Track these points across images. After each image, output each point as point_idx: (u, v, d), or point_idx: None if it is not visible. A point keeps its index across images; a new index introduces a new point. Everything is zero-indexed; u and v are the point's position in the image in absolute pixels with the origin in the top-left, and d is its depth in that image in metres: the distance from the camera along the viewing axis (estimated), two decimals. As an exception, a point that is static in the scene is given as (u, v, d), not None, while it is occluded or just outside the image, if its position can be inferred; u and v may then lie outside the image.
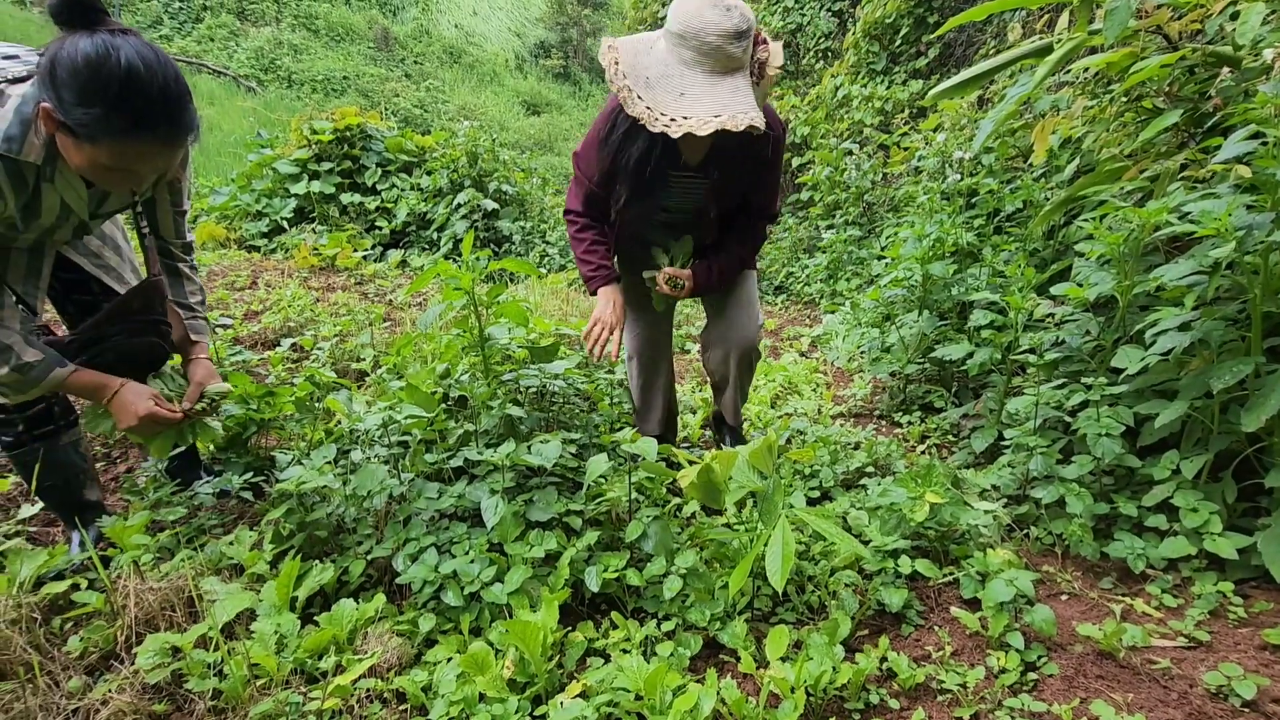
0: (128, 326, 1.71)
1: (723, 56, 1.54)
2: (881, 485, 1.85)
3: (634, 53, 1.62)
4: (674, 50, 1.58)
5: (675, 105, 1.57)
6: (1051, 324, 2.41)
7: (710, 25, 1.50)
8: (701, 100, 1.55)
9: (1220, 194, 1.81)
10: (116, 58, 1.21)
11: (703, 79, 1.56)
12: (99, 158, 1.28)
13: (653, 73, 1.60)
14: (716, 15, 1.50)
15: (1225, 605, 1.59)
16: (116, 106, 1.23)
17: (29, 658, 1.35)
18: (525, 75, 19.95)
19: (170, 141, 1.34)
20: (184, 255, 1.87)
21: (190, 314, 1.88)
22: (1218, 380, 1.66)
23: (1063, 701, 1.33)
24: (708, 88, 1.56)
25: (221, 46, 14.68)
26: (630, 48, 1.63)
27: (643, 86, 1.59)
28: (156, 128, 1.29)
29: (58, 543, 1.87)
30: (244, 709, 1.29)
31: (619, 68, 1.60)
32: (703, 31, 1.50)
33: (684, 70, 1.57)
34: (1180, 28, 2.25)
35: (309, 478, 1.72)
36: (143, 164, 1.35)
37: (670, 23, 1.57)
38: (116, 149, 1.28)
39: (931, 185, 4.04)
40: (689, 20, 1.52)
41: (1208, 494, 1.73)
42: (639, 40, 1.66)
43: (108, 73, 1.21)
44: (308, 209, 6.48)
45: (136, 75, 1.23)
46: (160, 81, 1.26)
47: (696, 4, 1.53)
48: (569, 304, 4.63)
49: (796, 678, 1.31)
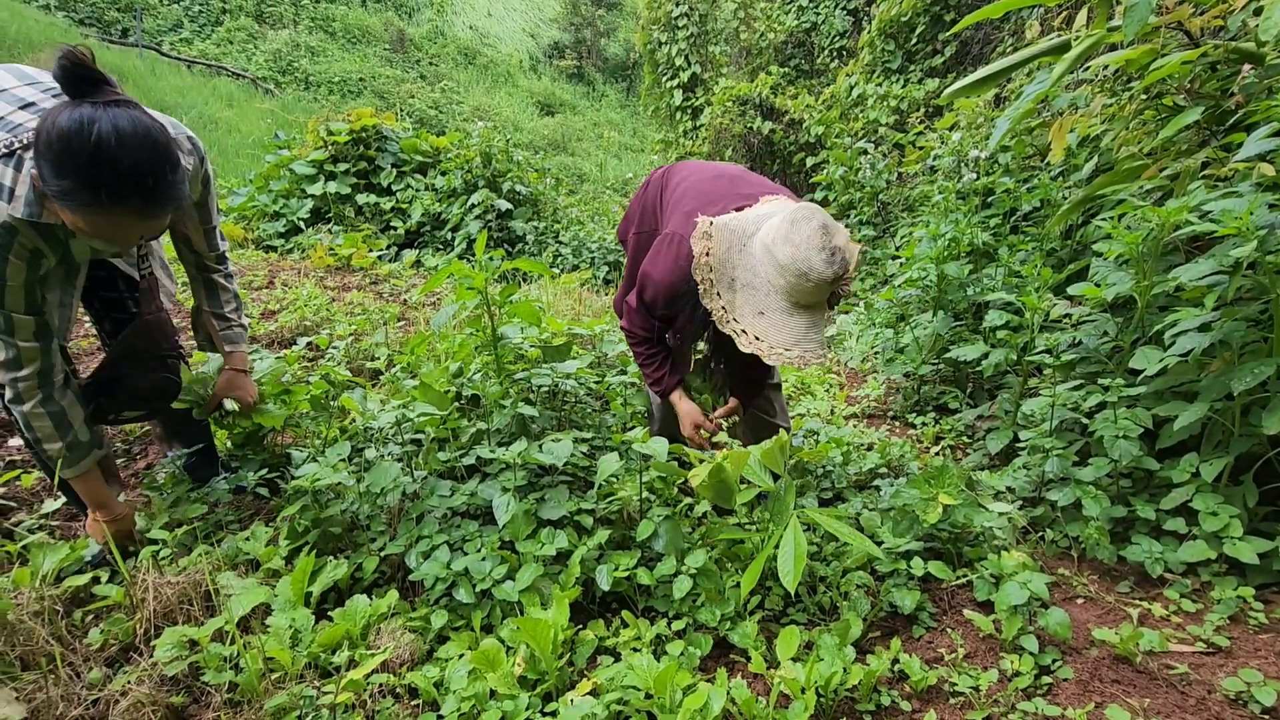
0: (137, 367, 1.76)
1: (810, 296, 1.53)
2: (894, 486, 1.85)
3: (727, 246, 1.58)
4: (766, 265, 1.53)
5: (751, 320, 1.56)
6: (1068, 324, 2.38)
7: (814, 271, 1.47)
8: (778, 328, 1.54)
9: (1242, 192, 1.78)
10: (89, 131, 1.21)
11: (784, 306, 1.55)
12: (80, 224, 1.30)
13: (739, 276, 1.58)
14: (821, 261, 1.47)
15: (1245, 610, 1.57)
16: (85, 179, 1.23)
17: (51, 649, 1.38)
18: (539, 76, 20.01)
19: (145, 214, 1.32)
20: (217, 265, 1.91)
21: (225, 324, 1.93)
22: (1239, 382, 1.63)
23: (1077, 706, 1.31)
24: (785, 317, 1.54)
25: (240, 49, 14.86)
26: (725, 238, 1.58)
27: (725, 285, 1.58)
28: (126, 200, 1.28)
29: (80, 537, 1.90)
30: (259, 702, 1.31)
31: (709, 259, 1.57)
32: (806, 274, 1.48)
33: (770, 290, 1.55)
34: (1201, 24, 2.22)
35: (324, 475, 1.74)
36: (119, 233, 1.34)
37: (773, 244, 1.51)
38: (90, 218, 1.28)
39: (947, 184, 4.01)
40: (795, 257, 1.47)
41: (1228, 497, 1.70)
42: (736, 230, 1.60)
43: (78, 146, 1.21)
44: (324, 209, 6.54)
45: (106, 149, 1.22)
46: (132, 157, 1.25)
47: (807, 241, 1.47)
48: (581, 304, 4.64)
49: (807, 678, 1.31)
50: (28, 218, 1.35)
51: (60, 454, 1.58)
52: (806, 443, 2.57)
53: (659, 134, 11.08)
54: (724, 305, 1.59)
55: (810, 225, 1.47)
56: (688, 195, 1.84)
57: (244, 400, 1.98)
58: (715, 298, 1.59)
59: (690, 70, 10.21)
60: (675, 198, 1.90)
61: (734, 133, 8.32)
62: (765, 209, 1.65)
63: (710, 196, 1.78)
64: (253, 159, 9.18)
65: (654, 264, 1.79)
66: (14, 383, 1.49)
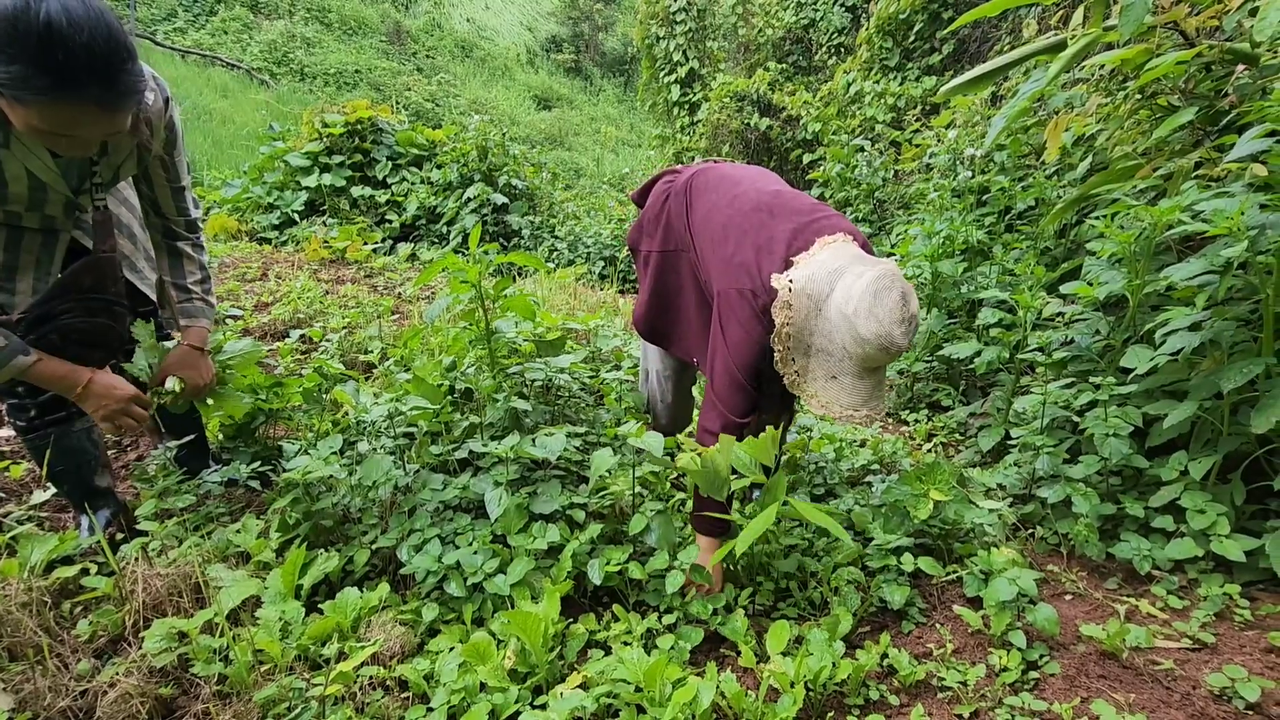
0: (78, 305, 1.58)
1: (884, 363, 1.54)
2: (886, 483, 1.85)
3: (805, 313, 1.55)
4: (844, 334, 1.51)
5: (823, 385, 1.57)
6: (1061, 323, 2.39)
7: (894, 345, 1.47)
8: (849, 391, 1.55)
9: (1234, 193, 1.79)
10: (37, 9, 1.11)
11: (855, 370, 1.55)
12: (33, 120, 1.19)
13: (815, 342, 1.57)
14: (901, 334, 1.47)
15: (1231, 607, 1.58)
16: (37, 63, 1.13)
17: (39, 640, 1.38)
18: (536, 70, 19.93)
19: (105, 104, 1.22)
20: (187, 233, 1.78)
21: (185, 296, 1.77)
22: (1228, 381, 1.64)
23: (1063, 700, 1.32)
24: (855, 380, 1.56)
25: (235, 39, 14.76)
26: (804, 306, 1.55)
27: (800, 352, 1.58)
28: (84, 88, 1.17)
29: (68, 528, 1.89)
30: (248, 694, 1.31)
31: (789, 330, 1.56)
32: (887, 348, 1.47)
33: (845, 356, 1.54)
34: (1197, 24, 2.22)
35: (315, 467, 1.74)
36: (78, 129, 1.23)
37: (855, 315, 1.47)
38: (45, 111, 1.18)
39: (943, 182, 4.01)
40: (879, 334, 1.45)
41: (1216, 495, 1.71)
42: (813, 296, 1.55)
43: (26, 26, 1.11)
44: (318, 202, 6.51)
45: (58, 29, 1.12)
46: (86, 37, 1.14)
47: (889, 316, 1.45)
48: (577, 299, 4.64)
49: (796, 672, 1.32)
50: None
51: None
52: (799, 438, 2.58)
53: (656, 129, 11.07)
54: (798, 370, 1.59)
55: (892, 297, 1.46)
56: (729, 237, 1.70)
57: (193, 380, 1.79)
58: (790, 363, 1.59)
59: (688, 66, 10.19)
60: (710, 234, 1.76)
61: (731, 129, 8.31)
62: (834, 259, 1.57)
63: (758, 241, 1.66)
64: (247, 150, 9.12)
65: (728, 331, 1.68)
66: None
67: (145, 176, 1.66)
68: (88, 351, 1.62)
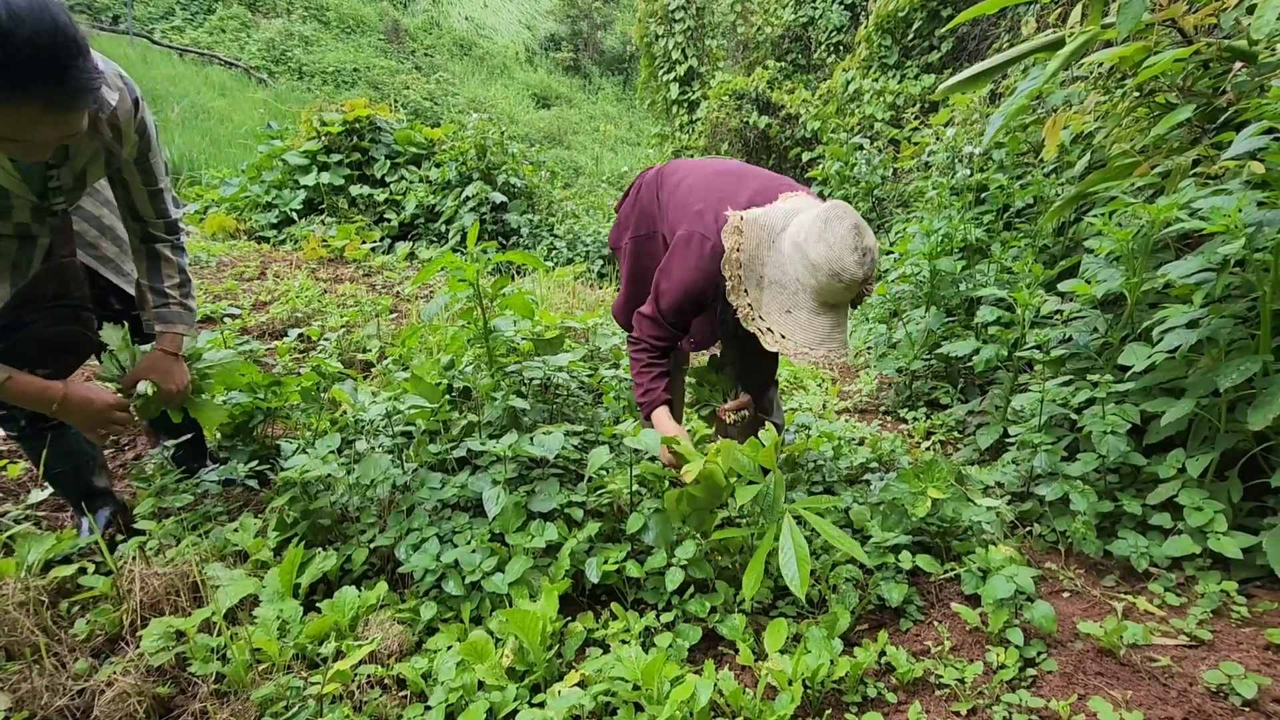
0: (45, 314, 1.53)
1: (839, 296, 1.52)
2: (884, 481, 1.85)
3: (757, 243, 1.56)
4: (796, 266, 1.51)
5: (778, 319, 1.54)
6: (1059, 321, 2.39)
7: (846, 271, 1.45)
8: (804, 327, 1.53)
9: (1231, 190, 1.79)
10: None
11: (812, 305, 1.53)
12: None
13: (768, 274, 1.56)
14: (853, 262, 1.45)
15: (1229, 604, 1.58)
16: None
17: (36, 639, 1.38)
18: (535, 68, 19.90)
19: (55, 104, 1.13)
20: (166, 235, 1.69)
21: (161, 301, 1.68)
22: (1225, 378, 1.64)
23: (1061, 698, 1.32)
24: (812, 316, 1.53)
25: (233, 38, 14.72)
26: (755, 235, 1.56)
27: (753, 283, 1.56)
28: (30, 86, 1.08)
29: (66, 527, 1.89)
30: (246, 693, 1.31)
31: (739, 255, 1.55)
32: (838, 274, 1.46)
33: (799, 289, 1.53)
34: (1195, 21, 2.22)
35: (313, 466, 1.74)
36: (29, 132, 1.14)
37: (805, 243, 1.48)
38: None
39: (941, 180, 4.01)
40: (829, 257, 1.45)
41: (1213, 493, 1.71)
42: (764, 227, 1.57)
43: None
44: (317, 201, 6.50)
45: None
46: (29, 31, 1.04)
47: (839, 242, 1.45)
48: (575, 297, 4.64)
49: (794, 670, 1.32)
50: None
51: None
52: (798, 437, 2.58)
53: (655, 127, 11.06)
54: (750, 303, 1.57)
55: (844, 225, 1.45)
56: (694, 193, 1.78)
57: (166, 386, 1.69)
58: (742, 295, 1.57)
59: (687, 64, 10.18)
60: (679, 197, 1.83)
61: (730, 127, 8.31)
62: (791, 204, 1.61)
63: (721, 193, 1.72)
64: (245, 149, 9.10)
65: (672, 267, 1.73)
66: None
67: (119, 181, 1.58)
68: (61, 358, 1.59)
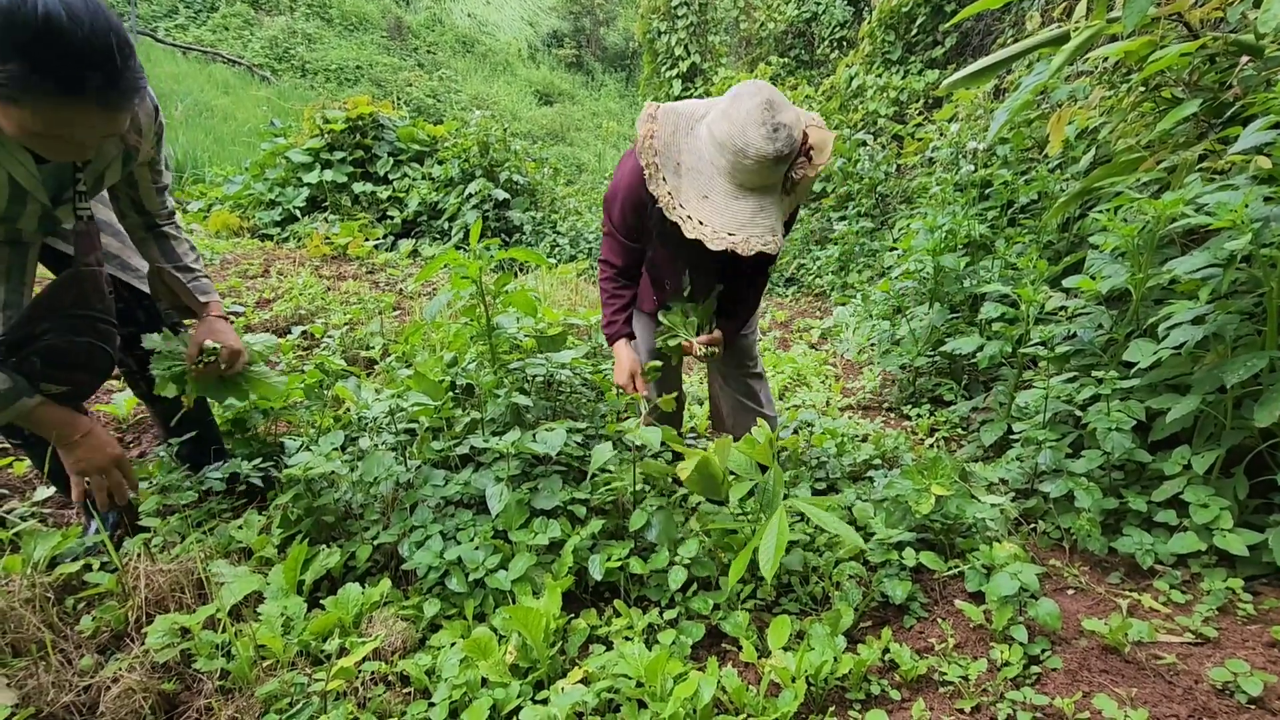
0: (60, 324, 1.47)
1: (753, 177, 1.47)
2: (888, 477, 1.85)
3: (673, 129, 1.54)
4: (709, 148, 1.49)
5: (696, 205, 1.51)
6: (1063, 317, 2.38)
7: (751, 146, 1.40)
8: (721, 211, 1.49)
9: (1238, 185, 1.78)
10: (34, 3, 1.05)
11: (728, 189, 1.49)
12: (27, 122, 1.13)
13: (685, 160, 1.52)
14: (760, 137, 1.40)
15: (1234, 602, 1.58)
16: (35, 60, 1.07)
17: (42, 636, 1.38)
18: (538, 65, 19.86)
19: (106, 103, 1.16)
20: (168, 219, 1.74)
21: (190, 275, 1.73)
22: (1231, 375, 1.63)
23: (1065, 695, 1.32)
24: (730, 200, 1.49)
25: (236, 36, 14.72)
26: (670, 122, 1.54)
27: (670, 170, 1.53)
28: (85, 86, 1.11)
29: (72, 524, 1.90)
30: (250, 689, 1.31)
31: (653, 142, 1.52)
32: (743, 151, 1.41)
33: (714, 173, 1.49)
34: (1201, 15, 2.21)
35: (317, 464, 1.74)
36: (76, 130, 1.17)
37: (713, 122, 1.47)
38: (43, 111, 1.12)
39: (945, 176, 4.00)
40: (732, 134, 1.42)
41: (1219, 490, 1.71)
42: (683, 114, 1.56)
43: (22, 21, 1.04)
44: (320, 198, 6.51)
45: (57, 23, 1.06)
46: (86, 31, 1.08)
47: (744, 117, 1.41)
48: (578, 294, 4.63)
49: (798, 667, 1.32)
50: None
51: None
52: (801, 434, 2.58)
53: (657, 124, 11.01)
54: (669, 191, 1.53)
55: (752, 100, 1.41)
56: None
57: (229, 343, 1.71)
58: (661, 183, 1.54)
59: (690, 60, 10.15)
60: None
61: (733, 123, 8.28)
62: (713, 100, 1.59)
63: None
64: (248, 147, 9.10)
65: (616, 177, 1.75)
66: None
67: (129, 181, 1.60)
68: (70, 374, 1.51)
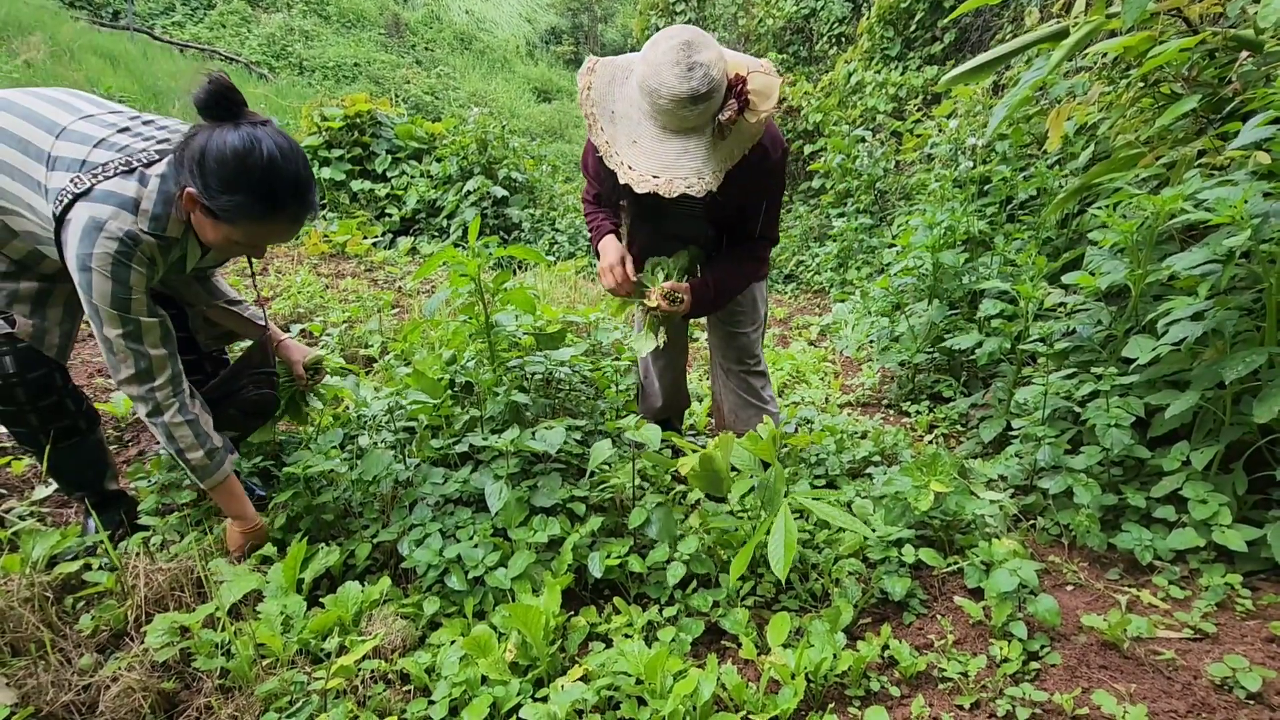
0: (250, 380, 1.83)
1: (674, 118, 1.49)
2: (887, 474, 1.85)
3: (610, 79, 1.58)
4: (635, 90, 1.53)
5: (627, 151, 1.54)
6: (1063, 313, 2.38)
7: (665, 86, 1.42)
8: (647, 154, 1.51)
9: (1237, 181, 1.77)
10: (260, 150, 1.34)
11: (654, 132, 1.51)
12: (233, 235, 1.42)
13: (618, 108, 1.56)
14: (673, 76, 1.42)
15: (1233, 597, 1.58)
16: (259, 193, 1.36)
17: (41, 635, 1.38)
18: (536, 62, 19.81)
19: (298, 220, 1.47)
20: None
21: (241, 306, 1.94)
22: (1230, 371, 1.63)
23: (1064, 691, 1.32)
24: (656, 143, 1.51)
25: (233, 33, 14.67)
26: (608, 73, 1.58)
27: (607, 118, 1.57)
28: (287, 208, 1.42)
29: (71, 523, 1.90)
30: (250, 688, 1.31)
31: (590, 93, 1.57)
32: (657, 91, 1.44)
33: (641, 117, 1.53)
34: (1200, 10, 2.20)
35: (316, 462, 1.74)
36: (270, 239, 1.50)
37: (638, 65, 1.50)
38: (252, 228, 1.42)
39: (944, 173, 3.99)
40: (646, 76, 1.45)
41: (1218, 486, 1.71)
42: (620, 65, 1.59)
43: (253, 163, 1.33)
44: (318, 196, 6.50)
45: (276, 165, 1.36)
46: (294, 169, 1.39)
47: (660, 59, 1.43)
48: (576, 291, 4.63)
49: (797, 664, 1.32)
50: (153, 231, 1.42)
51: (202, 463, 1.58)
52: (800, 430, 2.57)
53: (656, 121, 10.98)
54: (607, 140, 1.57)
55: (670, 42, 1.42)
56: None
57: (317, 355, 2.02)
58: (599, 132, 1.58)
59: (688, 56, 10.10)
60: None
61: (731, 120, 8.25)
62: None
63: None
64: (246, 145, 9.08)
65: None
66: (151, 393, 1.51)
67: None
68: (255, 421, 1.89)
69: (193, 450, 1.56)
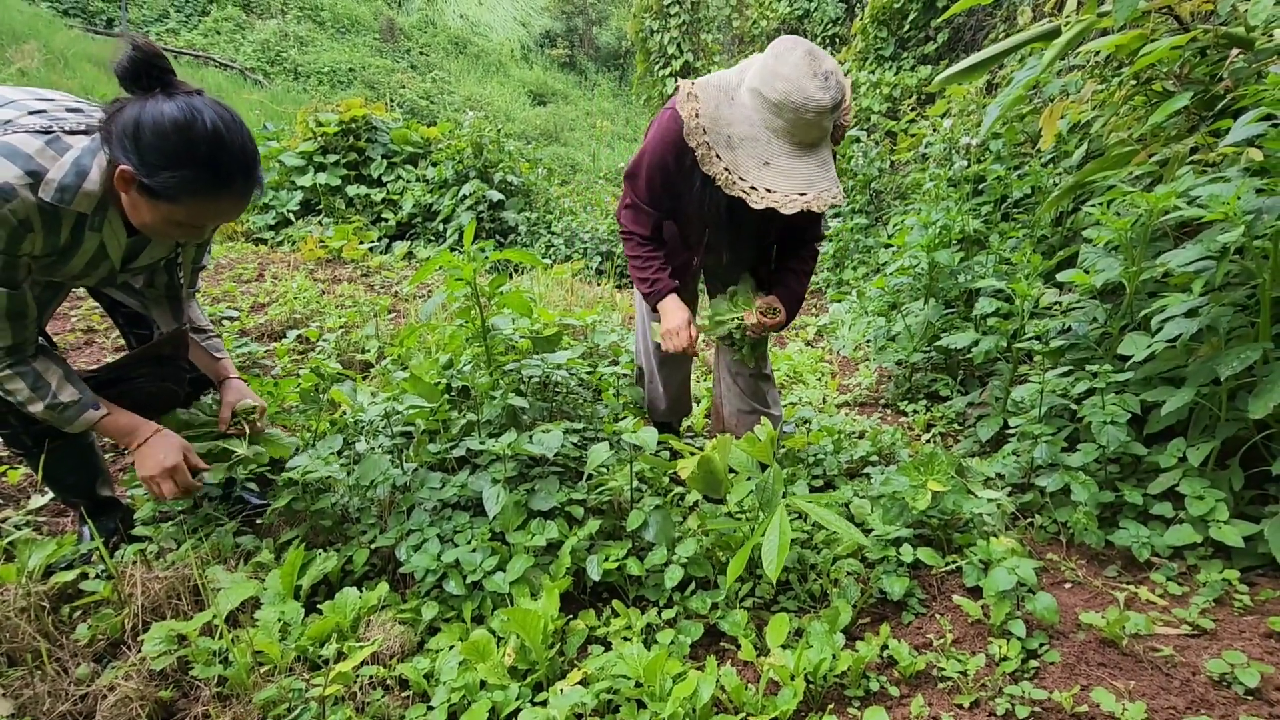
0: (153, 372, 1.73)
1: (814, 130, 1.45)
2: (885, 474, 1.85)
3: (715, 103, 1.50)
4: (761, 113, 1.46)
5: (758, 174, 1.47)
6: (1058, 311, 2.38)
7: (811, 100, 1.38)
8: (787, 174, 1.46)
9: (1229, 177, 1.78)
10: (203, 120, 1.25)
11: (790, 150, 1.46)
12: (175, 215, 1.33)
13: (736, 131, 1.49)
14: (815, 88, 1.38)
15: (1231, 593, 1.58)
16: (204, 167, 1.28)
17: (38, 645, 1.37)
18: (531, 65, 19.83)
19: (244, 196, 1.38)
20: (192, 294, 1.89)
21: (204, 335, 1.88)
22: (1225, 367, 1.64)
23: (1063, 689, 1.32)
24: (794, 161, 1.46)
25: (228, 39, 14.67)
26: (712, 96, 1.51)
27: (723, 145, 1.49)
28: (235, 183, 1.34)
29: (67, 532, 1.89)
30: (248, 695, 1.31)
31: (699, 121, 1.49)
32: (803, 106, 1.39)
33: (770, 137, 1.47)
34: (1191, 8, 2.21)
35: (313, 468, 1.73)
36: (216, 219, 1.42)
37: (761, 85, 1.44)
38: (197, 206, 1.33)
39: (938, 172, 4.00)
40: (788, 92, 1.39)
41: (1214, 481, 1.71)
42: (719, 86, 1.53)
43: (196, 135, 1.25)
44: (314, 201, 6.48)
45: (221, 137, 1.28)
46: (240, 140, 1.31)
47: (794, 71, 1.39)
48: (573, 294, 4.63)
49: (796, 665, 1.32)
50: (55, 200, 1.29)
51: (46, 414, 1.48)
52: (799, 430, 2.57)
53: (651, 123, 10.99)
54: (726, 167, 1.50)
55: (796, 54, 1.39)
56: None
57: (259, 403, 1.89)
58: (715, 160, 1.50)
59: (683, 58, 10.13)
60: None
61: (726, 121, 8.27)
62: (742, 63, 1.58)
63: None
64: (242, 151, 9.08)
65: (643, 146, 1.73)
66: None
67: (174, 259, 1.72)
68: (146, 414, 1.72)
69: (32, 403, 1.46)
